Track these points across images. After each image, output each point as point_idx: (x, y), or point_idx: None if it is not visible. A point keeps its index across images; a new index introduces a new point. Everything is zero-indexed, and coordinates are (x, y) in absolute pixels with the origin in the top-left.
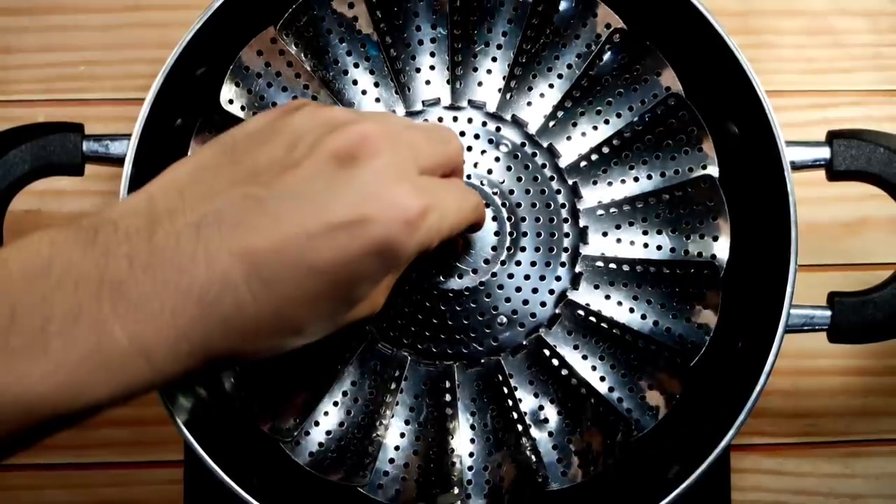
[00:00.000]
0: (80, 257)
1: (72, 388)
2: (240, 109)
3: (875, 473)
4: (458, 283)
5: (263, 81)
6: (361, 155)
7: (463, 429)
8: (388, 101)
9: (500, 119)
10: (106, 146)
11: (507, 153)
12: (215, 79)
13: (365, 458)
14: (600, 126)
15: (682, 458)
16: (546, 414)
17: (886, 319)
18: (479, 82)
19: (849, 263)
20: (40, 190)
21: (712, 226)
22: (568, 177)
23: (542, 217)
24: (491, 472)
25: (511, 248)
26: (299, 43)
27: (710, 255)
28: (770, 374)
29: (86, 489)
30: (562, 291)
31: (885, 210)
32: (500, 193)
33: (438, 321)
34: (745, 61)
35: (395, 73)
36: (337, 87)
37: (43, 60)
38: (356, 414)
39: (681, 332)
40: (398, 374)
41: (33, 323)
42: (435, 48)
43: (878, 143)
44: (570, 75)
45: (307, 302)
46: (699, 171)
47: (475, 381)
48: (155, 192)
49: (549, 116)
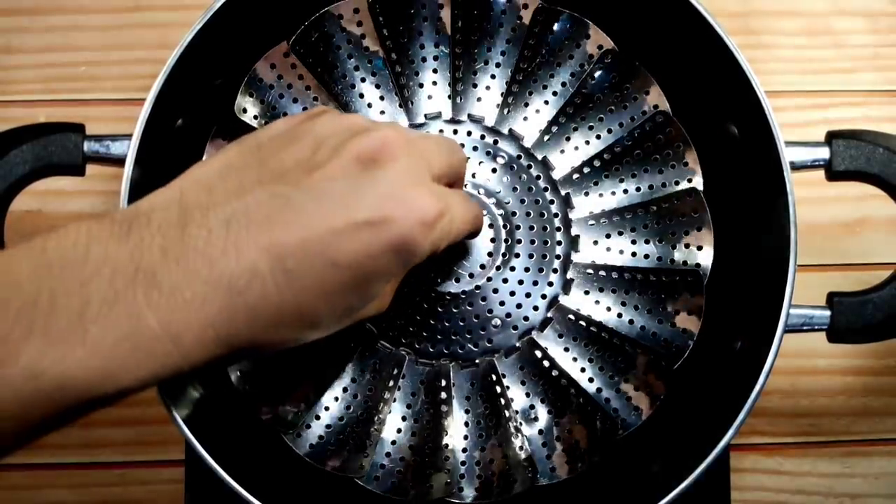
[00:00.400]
0: (115, 248)
1: (107, 372)
2: (253, 119)
3: (875, 473)
4: (455, 286)
5: (276, 92)
6: (383, 158)
7: (457, 425)
8: (392, 114)
9: (498, 133)
10: (107, 146)
11: (504, 165)
12: (217, 79)
13: (363, 450)
14: (592, 141)
15: (681, 458)
16: (536, 413)
17: (886, 319)
18: (478, 98)
19: (848, 263)
20: (41, 190)
21: (696, 236)
22: (561, 188)
23: (536, 225)
24: (483, 468)
25: (506, 255)
26: (310, 58)
27: (694, 264)
28: (769, 374)
29: (86, 489)
30: (553, 296)
31: (884, 210)
32: (497, 202)
33: (436, 322)
34: (745, 62)
35: (399, 87)
36: (344, 99)
37: (44, 61)
38: (355, 409)
39: (666, 337)
40: (396, 371)
41: (72, 309)
42: (437, 65)
43: (877, 143)
44: (563, 93)
45: (326, 294)
46: (685, 183)
47: (470, 381)
48: (186, 188)
49: (544, 131)
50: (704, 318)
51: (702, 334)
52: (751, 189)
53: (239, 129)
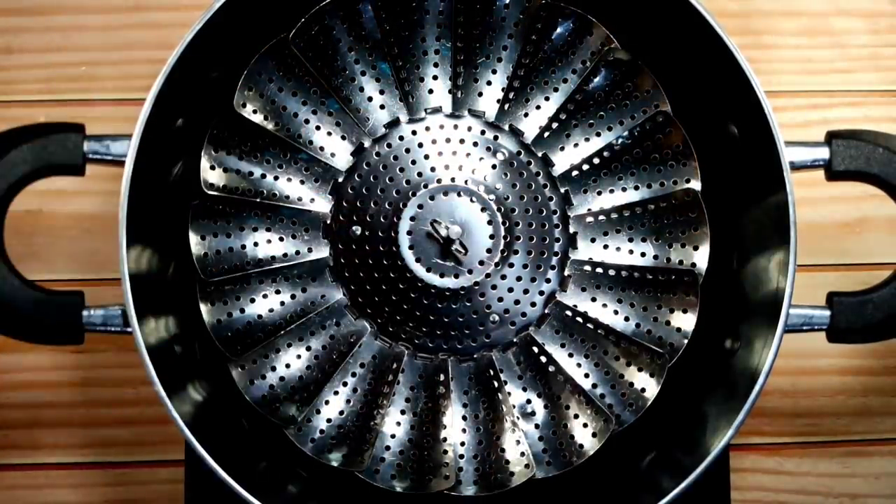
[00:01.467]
0: None
1: None
2: (252, 113)
3: (874, 473)
4: (454, 282)
5: (275, 86)
6: None
7: (455, 420)
8: (392, 109)
9: (498, 128)
10: (107, 146)
11: (504, 161)
12: (219, 80)
13: (363, 444)
14: (592, 138)
15: (681, 458)
16: (533, 407)
17: (885, 319)
18: (479, 93)
19: (848, 263)
20: (41, 190)
21: (693, 236)
22: (560, 185)
23: (535, 222)
24: (480, 461)
25: (504, 251)
26: (310, 51)
27: (690, 263)
28: (769, 374)
29: (87, 488)
30: (551, 293)
31: (883, 210)
32: (496, 199)
33: (435, 318)
34: (745, 62)
35: (400, 81)
36: (344, 93)
37: (44, 61)
38: (355, 403)
39: (661, 335)
40: (395, 366)
41: None
42: (439, 59)
43: (876, 143)
44: (565, 89)
45: None
46: (683, 184)
47: (468, 375)
48: None
49: (545, 127)
50: (705, 317)
51: (702, 334)
52: (751, 189)
53: (237, 126)
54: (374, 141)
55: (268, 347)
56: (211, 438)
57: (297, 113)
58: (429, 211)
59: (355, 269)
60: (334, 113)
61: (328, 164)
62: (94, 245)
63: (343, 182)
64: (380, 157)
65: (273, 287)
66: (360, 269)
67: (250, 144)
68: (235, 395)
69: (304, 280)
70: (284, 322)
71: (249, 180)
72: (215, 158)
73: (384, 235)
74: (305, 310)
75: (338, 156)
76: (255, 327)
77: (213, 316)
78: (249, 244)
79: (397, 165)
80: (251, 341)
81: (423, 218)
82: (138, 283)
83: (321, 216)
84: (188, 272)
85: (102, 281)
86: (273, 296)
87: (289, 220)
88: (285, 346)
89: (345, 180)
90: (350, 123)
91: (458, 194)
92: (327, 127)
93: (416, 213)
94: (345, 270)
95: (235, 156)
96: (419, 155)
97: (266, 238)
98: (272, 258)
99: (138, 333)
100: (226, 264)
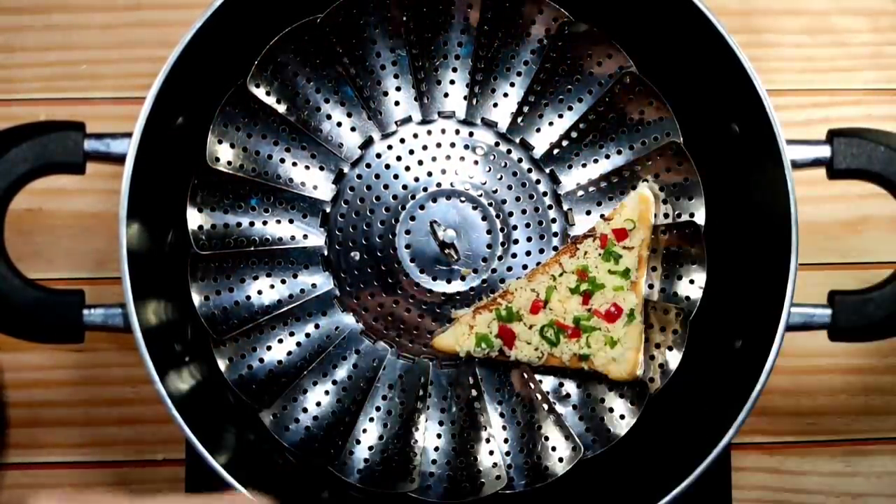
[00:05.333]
0: None
1: None
2: (227, 165)
3: (876, 472)
4: (462, 285)
5: (243, 133)
6: None
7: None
8: (363, 129)
9: (471, 124)
10: (107, 144)
11: (484, 155)
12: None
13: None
14: (565, 113)
15: (682, 457)
16: (567, 390)
17: (887, 318)
18: (445, 93)
19: (849, 262)
20: (42, 188)
21: (685, 186)
22: (544, 166)
23: (528, 208)
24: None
25: (505, 243)
26: (270, 91)
27: (689, 214)
28: (771, 373)
29: (87, 488)
30: None
31: (885, 209)
32: (485, 194)
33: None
34: (746, 60)
35: (364, 100)
36: (313, 124)
37: (44, 59)
38: (392, 425)
39: (675, 290)
40: (423, 380)
41: None
42: (398, 70)
43: (878, 141)
44: (528, 71)
45: None
46: (664, 139)
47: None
48: None
49: (516, 113)
50: (705, 317)
51: (702, 334)
52: (752, 188)
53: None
54: (352, 165)
55: (295, 390)
56: (211, 439)
57: (270, 154)
58: (421, 221)
59: (363, 294)
60: (308, 146)
61: (312, 198)
62: (95, 243)
63: (331, 211)
64: (361, 178)
65: (286, 330)
66: (367, 293)
67: (232, 196)
68: (231, 394)
69: (315, 316)
70: (305, 362)
71: (239, 231)
72: (201, 217)
73: (383, 254)
74: (322, 345)
75: (320, 187)
76: (278, 374)
77: (234, 372)
78: (253, 294)
79: (380, 183)
80: (277, 388)
81: (418, 229)
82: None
83: (317, 249)
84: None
85: (103, 279)
86: (288, 339)
87: (286, 262)
88: (311, 384)
89: (332, 209)
90: (324, 153)
91: (446, 198)
92: (304, 161)
93: (410, 227)
94: (352, 297)
95: (220, 210)
96: (400, 168)
97: (268, 284)
98: (278, 302)
99: (138, 332)
100: (235, 319)
